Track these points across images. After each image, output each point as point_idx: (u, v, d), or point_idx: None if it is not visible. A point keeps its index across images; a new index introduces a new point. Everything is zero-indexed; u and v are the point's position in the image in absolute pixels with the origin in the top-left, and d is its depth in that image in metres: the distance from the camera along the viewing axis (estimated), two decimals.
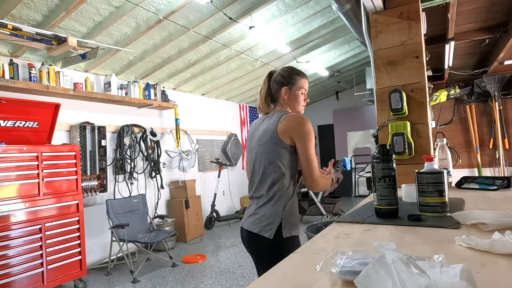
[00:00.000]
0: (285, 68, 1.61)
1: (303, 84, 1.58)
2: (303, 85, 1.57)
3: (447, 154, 1.76)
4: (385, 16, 1.99)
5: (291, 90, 1.56)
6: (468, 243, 0.72)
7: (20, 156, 2.88)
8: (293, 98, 1.57)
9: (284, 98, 1.56)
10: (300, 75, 1.58)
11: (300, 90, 1.57)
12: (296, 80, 1.56)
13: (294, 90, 1.56)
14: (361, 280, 0.50)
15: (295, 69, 1.60)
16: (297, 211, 1.51)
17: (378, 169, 1.06)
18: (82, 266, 3.27)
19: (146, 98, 4.64)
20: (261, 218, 1.44)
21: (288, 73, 1.58)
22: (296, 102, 1.57)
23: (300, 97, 1.57)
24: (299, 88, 1.56)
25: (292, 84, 1.56)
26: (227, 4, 3.33)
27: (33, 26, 2.88)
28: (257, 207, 1.47)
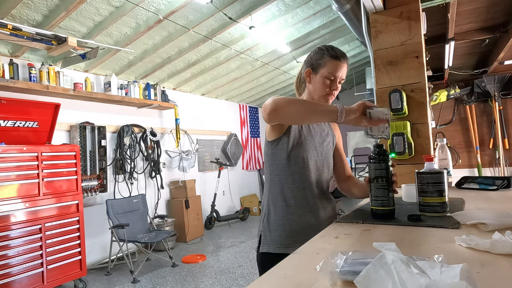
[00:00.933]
0: (320, 46, 1.27)
1: (335, 68, 1.21)
2: (334, 69, 1.21)
3: (447, 154, 1.76)
4: (385, 16, 1.99)
5: (316, 73, 1.24)
6: (468, 243, 0.72)
7: (20, 156, 2.88)
8: (316, 83, 1.24)
9: (307, 84, 1.28)
10: (334, 56, 1.21)
11: (328, 75, 1.22)
12: (325, 62, 1.21)
13: (320, 74, 1.23)
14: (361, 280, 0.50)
15: (332, 49, 1.24)
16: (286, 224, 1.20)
17: (372, 169, 1.06)
18: (82, 266, 3.27)
19: (146, 98, 4.64)
20: None
21: (319, 52, 1.25)
22: (316, 89, 1.25)
23: (325, 81, 1.22)
24: (327, 73, 1.21)
25: (318, 65, 1.23)
26: (227, 4, 3.33)
27: (33, 26, 2.88)
28: None
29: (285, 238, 1.18)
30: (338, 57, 1.22)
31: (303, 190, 1.22)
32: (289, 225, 1.19)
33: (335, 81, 1.23)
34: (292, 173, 1.22)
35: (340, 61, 1.22)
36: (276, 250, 1.17)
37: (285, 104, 1.02)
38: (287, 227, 1.19)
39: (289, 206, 1.21)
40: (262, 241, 1.22)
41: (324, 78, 1.22)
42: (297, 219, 1.20)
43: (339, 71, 1.22)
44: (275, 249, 1.17)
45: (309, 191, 1.23)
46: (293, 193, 1.22)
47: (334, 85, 1.23)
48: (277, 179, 1.24)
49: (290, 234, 1.18)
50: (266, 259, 1.19)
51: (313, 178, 1.25)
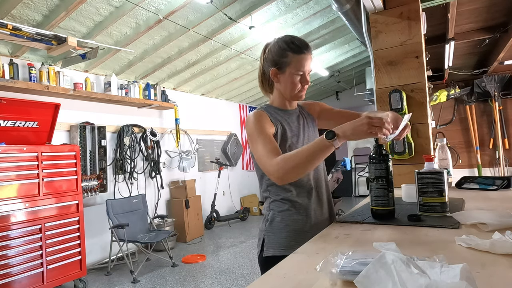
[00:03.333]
0: (279, 41, 1.19)
1: (301, 62, 1.15)
2: (300, 65, 1.15)
3: (447, 154, 1.76)
4: (385, 16, 1.99)
5: (283, 72, 1.17)
6: (468, 243, 0.72)
7: (20, 156, 2.88)
8: (286, 82, 1.18)
9: (276, 84, 1.22)
10: (295, 50, 1.14)
11: (296, 72, 1.16)
12: (291, 59, 1.15)
13: (288, 71, 1.16)
14: (361, 280, 0.50)
15: (292, 41, 1.16)
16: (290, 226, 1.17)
17: (372, 169, 1.06)
18: (82, 266, 3.27)
19: (146, 98, 4.64)
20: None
21: (279, 49, 1.17)
22: (289, 87, 1.18)
23: (294, 79, 1.16)
24: (295, 70, 1.15)
25: (284, 64, 1.16)
26: (227, 4, 3.33)
27: (33, 26, 2.88)
28: None
29: (289, 239, 1.15)
30: (301, 51, 1.15)
31: (302, 188, 1.20)
32: (293, 225, 1.17)
33: (304, 76, 1.17)
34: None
35: (304, 53, 1.15)
36: (282, 253, 1.12)
37: (287, 171, 1.00)
38: (291, 227, 1.16)
39: (292, 207, 1.18)
40: (266, 244, 1.18)
41: (292, 75, 1.16)
42: (301, 219, 1.18)
43: (306, 65, 1.16)
44: (281, 251, 1.13)
45: (308, 189, 1.21)
46: (292, 194, 1.19)
47: (304, 80, 1.18)
48: (274, 185, 1.19)
49: (294, 235, 1.16)
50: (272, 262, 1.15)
51: (310, 175, 1.22)
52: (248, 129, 1.15)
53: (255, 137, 1.12)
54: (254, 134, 1.12)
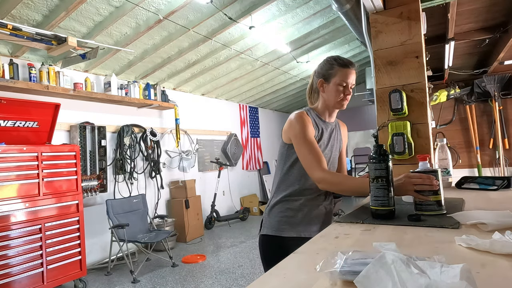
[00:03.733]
0: (328, 58, 1.41)
1: (345, 75, 1.34)
2: (344, 77, 1.34)
3: (447, 154, 1.76)
4: (385, 16, 1.99)
5: (328, 83, 1.37)
6: (468, 243, 0.72)
7: (20, 156, 2.88)
8: (330, 91, 1.37)
9: (321, 93, 1.41)
10: (343, 65, 1.35)
11: (340, 83, 1.34)
12: (336, 71, 1.35)
13: (333, 83, 1.36)
14: (361, 280, 0.50)
15: (340, 58, 1.38)
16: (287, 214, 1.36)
17: (372, 169, 1.06)
18: (82, 266, 3.27)
19: (146, 98, 4.64)
20: None
21: (328, 64, 1.39)
22: (331, 96, 1.37)
23: (338, 88, 1.35)
24: (339, 81, 1.34)
25: (329, 75, 1.36)
26: (227, 4, 3.33)
27: (33, 26, 2.88)
28: None
29: (281, 223, 1.35)
30: (347, 65, 1.35)
31: (310, 189, 1.35)
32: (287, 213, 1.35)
33: (347, 87, 1.36)
34: (302, 174, 1.34)
35: (349, 68, 1.35)
36: (273, 233, 1.34)
37: (329, 187, 1.27)
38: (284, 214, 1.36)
39: (291, 201, 1.36)
40: (263, 225, 1.40)
41: (336, 86, 1.35)
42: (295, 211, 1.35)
43: (349, 78, 1.35)
44: (272, 232, 1.34)
45: (314, 190, 1.36)
46: (299, 191, 1.36)
47: (347, 90, 1.36)
48: (287, 177, 1.37)
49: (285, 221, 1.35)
50: (265, 240, 1.37)
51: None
52: (293, 130, 1.32)
53: (301, 139, 1.30)
54: (300, 136, 1.30)
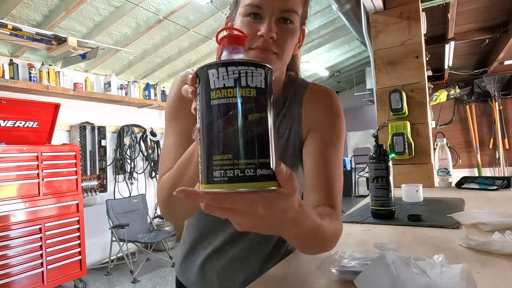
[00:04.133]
0: None
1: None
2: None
3: (447, 154, 1.76)
4: (385, 16, 1.99)
5: (233, 19, 0.68)
6: (468, 243, 0.72)
7: (20, 156, 2.88)
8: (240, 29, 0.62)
9: None
10: None
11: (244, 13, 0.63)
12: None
13: (237, 16, 0.66)
14: (361, 280, 0.50)
15: None
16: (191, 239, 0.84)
17: (372, 169, 1.06)
18: (82, 266, 3.27)
19: (146, 98, 4.64)
20: None
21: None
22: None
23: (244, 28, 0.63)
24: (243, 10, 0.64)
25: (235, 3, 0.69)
26: (227, 4, 3.33)
27: (33, 26, 2.88)
28: None
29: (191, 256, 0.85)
30: None
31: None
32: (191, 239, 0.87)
33: (266, 17, 0.61)
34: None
35: None
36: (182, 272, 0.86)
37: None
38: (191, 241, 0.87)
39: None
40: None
41: (242, 17, 0.63)
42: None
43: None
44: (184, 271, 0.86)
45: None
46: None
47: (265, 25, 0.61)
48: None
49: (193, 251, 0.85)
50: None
51: None
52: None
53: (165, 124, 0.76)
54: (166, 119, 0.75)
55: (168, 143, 0.68)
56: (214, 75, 0.36)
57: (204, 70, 0.37)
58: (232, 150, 0.35)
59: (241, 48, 0.42)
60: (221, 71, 0.36)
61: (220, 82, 0.36)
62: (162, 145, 0.70)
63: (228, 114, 0.36)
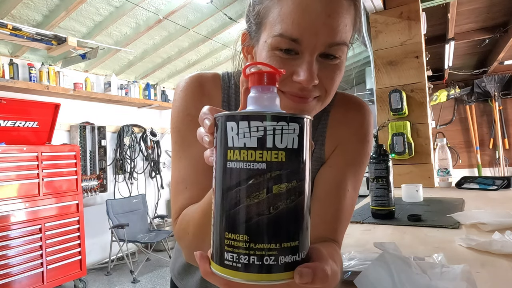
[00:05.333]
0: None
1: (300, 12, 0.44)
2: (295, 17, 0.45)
3: (447, 154, 1.76)
4: (385, 16, 1.99)
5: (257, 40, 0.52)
6: (468, 243, 0.72)
7: (20, 156, 2.88)
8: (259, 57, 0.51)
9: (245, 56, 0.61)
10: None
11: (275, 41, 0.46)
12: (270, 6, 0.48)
13: (262, 39, 0.50)
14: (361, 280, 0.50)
15: None
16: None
17: (372, 169, 1.06)
18: (82, 266, 3.27)
19: (146, 98, 4.64)
20: None
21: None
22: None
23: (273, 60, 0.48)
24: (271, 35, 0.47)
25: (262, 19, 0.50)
26: (227, 4, 3.33)
27: (33, 26, 2.88)
28: None
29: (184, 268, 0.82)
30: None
31: None
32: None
33: (306, 55, 0.46)
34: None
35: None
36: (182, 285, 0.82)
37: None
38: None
39: None
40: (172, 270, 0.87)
41: (270, 49, 0.48)
42: None
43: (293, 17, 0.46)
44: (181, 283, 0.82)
45: None
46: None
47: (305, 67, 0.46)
48: None
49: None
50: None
51: None
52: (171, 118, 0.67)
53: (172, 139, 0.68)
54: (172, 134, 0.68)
55: (181, 172, 0.57)
56: (233, 129, 0.29)
57: (223, 120, 0.30)
58: (250, 230, 0.28)
59: (273, 89, 0.33)
60: (241, 126, 0.29)
61: (239, 141, 0.29)
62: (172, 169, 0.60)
63: (247, 183, 0.28)
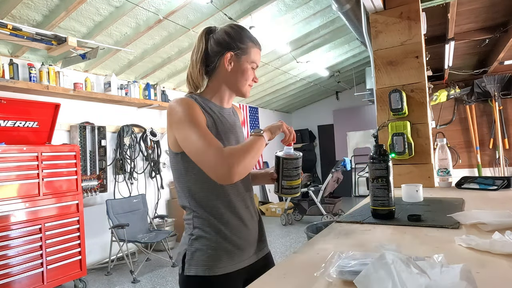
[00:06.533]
0: (234, 26, 1.09)
1: (256, 55, 1.10)
2: (255, 57, 1.09)
3: (447, 154, 1.76)
4: (385, 16, 1.99)
5: (238, 59, 1.06)
6: (468, 243, 0.72)
7: (20, 156, 2.88)
8: (238, 71, 1.07)
9: (225, 69, 1.06)
10: (254, 41, 1.10)
11: (251, 63, 1.09)
12: (249, 47, 1.08)
13: (243, 60, 1.07)
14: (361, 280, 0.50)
15: (248, 32, 1.10)
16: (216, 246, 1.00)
17: (372, 169, 1.06)
18: (82, 266, 3.27)
19: (146, 98, 4.64)
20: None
21: (238, 33, 1.07)
22: (242, 78, 1.08)
23: (248, 72, 1.08)
24: (250, 60, 1.08)
25: (242, 50, 1.06)
26: (227, 4, 3.33)
27: (33, 26, 2.88)
28: None
29: (214, 259, 1.00)
30: (259, 44, 1.12)
31: (230, 202, 1.04)
32: (219, 246, 1.01)
33: (254, 71, 1.11)
34: (215, 186, 1.01)
35: (259, 48, 1.12)
36: (206, 273, 0.98)
37: (239, 166, 0.89)
38: (217, 247, 1.01)
39: (218, 225, 1.02)
40: (187, 261, 1.01)
41: (247, 65, 1.07)
42: (228, 239, 1.02)
43: (258, 60, 1.12)
44: (205, 271, 0.98)
45: (238, 201, 1.06)
46: (221, 207, 1.03)
47: (254, 75, 1.11)
48: (200, 195, 1.04)
49: (219, 255, 1.00)
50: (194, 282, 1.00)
51: (239, 185, 1.07)
52: (173, 117, 0.98)
53: (185, 126, 0.94)
54: (184, 123, 0.95)
55: (202, 130, 0.95)
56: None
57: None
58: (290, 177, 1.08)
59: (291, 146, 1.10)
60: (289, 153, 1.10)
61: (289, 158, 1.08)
62: (194, 132, 0.94)
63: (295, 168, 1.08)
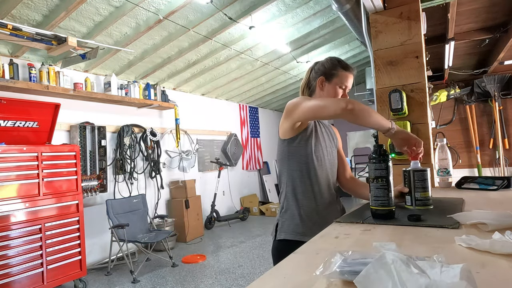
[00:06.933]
0: (331, 58, 1.42)
1: (346, 79, 1.37)
2: (345, 80, 1.37)
3: (447, 154, 1.76)
4: (385, 16, 1.99)
5: (329, 82, 1.37)
6: (468, 243, 0.72)
7: (20, 156, 2.88)
8: (329, 92, 1.37)
9: (319, 90, 1.39)
10: (345, 68, 1.38)
11: (340, 85, 1.37)
12: (339, 72, 1.37)
13: (333, 83, 1.37)
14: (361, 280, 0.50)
15: (342, 61, 1.40)
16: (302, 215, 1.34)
17: (372, 169, 1.06)
18: (82, 266, 3.27)
19: (146, 98, 4.64)
20: None
21: (331, 63, 1.39)
22: (331, 96, 1.38)
23: (337, 92, 1.37)
24: (340, 83, 1.37)
25: (332, 75, 1.37)
26: (227, 4, 3.33)
27: (33, 26, 2.88)
28: None
29: (301, 226, 1.32)
30: (349, 69, 1.39)
31: (319, 185, 1.35)
32: (304, 214, 1.33)
33: (345, 91, 1.39)
34: (310, 169, 1.34)
35: (350, 72, 1.39)
36: (292, 237, 1.30)
37: (356, 108, 1.16)
38: (302, 216, 1.33)
39: (307, 199, 1.34)
40: (279, 229, 1.35)
41: (336, 86, 1.37)
42: (313, 209, 1.34)
43: (349, 82, 1.38)
44: (292, 236, 1.30)
45: (324, 186, 1.37)
46: (310, 187, 1.35)
47: (344, 94, 1.39)
48: (295, 174, 1.35)
49: (304, 222, 1.32)
50: (283, 245, 1.33)
51: (328, 174, 1.39)
52: (293, 103, 1.28)
53: (305, 99, 1.27)
54: (303, 99, 1.27)
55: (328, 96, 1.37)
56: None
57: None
58: None
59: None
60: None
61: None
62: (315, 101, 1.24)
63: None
